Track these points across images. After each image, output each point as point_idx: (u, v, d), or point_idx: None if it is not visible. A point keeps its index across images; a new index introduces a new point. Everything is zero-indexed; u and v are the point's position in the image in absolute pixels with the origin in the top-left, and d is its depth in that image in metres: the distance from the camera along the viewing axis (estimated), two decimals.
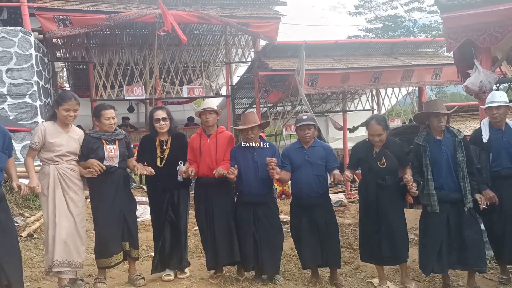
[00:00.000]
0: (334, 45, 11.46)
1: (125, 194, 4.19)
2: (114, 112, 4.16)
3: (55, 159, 3.85)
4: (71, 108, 3.87)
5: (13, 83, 7.91)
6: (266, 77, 10.99)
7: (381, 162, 3.95)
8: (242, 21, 10.26)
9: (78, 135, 4.04)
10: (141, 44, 11.24)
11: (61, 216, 3.82)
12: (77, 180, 3.97)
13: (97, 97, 10.30)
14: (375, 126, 3.96)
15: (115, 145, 4.09)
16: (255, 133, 4.22)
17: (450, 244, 3.83)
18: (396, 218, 3.99)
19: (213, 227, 4.25)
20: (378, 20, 30.98)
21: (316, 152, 4.19)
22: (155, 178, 4.26)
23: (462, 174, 3.81)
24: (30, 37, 8.15)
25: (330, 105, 14.64)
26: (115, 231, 4.05)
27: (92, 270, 4.61)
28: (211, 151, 4.26)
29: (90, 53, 10.48)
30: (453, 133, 3.94)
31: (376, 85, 11.41)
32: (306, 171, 4.14)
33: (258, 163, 4.17)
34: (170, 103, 13.60)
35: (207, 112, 4.30)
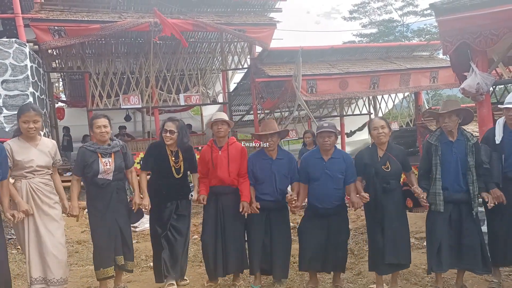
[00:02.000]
0: (330, 50, 11.49)
1: (120, 206, 4.09)
2: (107, 121, 4.05)
3: (26, 175, 3.70)
4: (30, 119, 3.66)
5: (8, 94, 7.87)
6: (262, 83, 11.00)
7: (386, 166, 3.94)
8: (238, 28, 10.28)
9: (49, 147, 3.86)
10: (137, 52, 11.23)
11: (37, 231, 3.68)
12: (52, 194, 3.82)
13: (93, 106, 10.26)
14: (378, 119, 4.07)
15: (111, 158, 4.00)
16: (274, 141, 4.18)
17: (450, 243, 3.86)
18: (400, 222, 3.99)
19: (223, 236, 4.21)
20: (373, 24, 31.19)
21: (336, 165, 4.09)
22: (164, 187, 4.21)
23: (471, 178, 3.83)
24: (25, 48, 8.13)
25: (327, 110, 14.65)
26: (105, 245, 3.98)
27: (91, 281, 4.56)
28: (223, 164, 4.22)
29: (86, 63, 10.47)
30: (466, 137, 3.93)
31: (376, 92, 11.40)
32: (325, 184, 4.06)
33: (275, 175, 4.15)
34: (167, 111, 13.59)
35: (219, 122, 4.23)
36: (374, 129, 3.98)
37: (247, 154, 4.37)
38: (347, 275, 4.63)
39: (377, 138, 4.00)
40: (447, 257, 3.84)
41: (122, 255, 4.06)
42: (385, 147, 4.01)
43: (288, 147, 12.18)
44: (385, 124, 3.99)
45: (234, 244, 4.21)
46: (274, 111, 12.67)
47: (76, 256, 5.59)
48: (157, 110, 11.11)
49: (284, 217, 4.30)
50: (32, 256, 3.65)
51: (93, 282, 4.57)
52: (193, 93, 11.50)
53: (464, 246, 3.82)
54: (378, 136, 3.98)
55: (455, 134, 3.92)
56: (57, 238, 3.76)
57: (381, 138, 3.97)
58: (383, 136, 3.96)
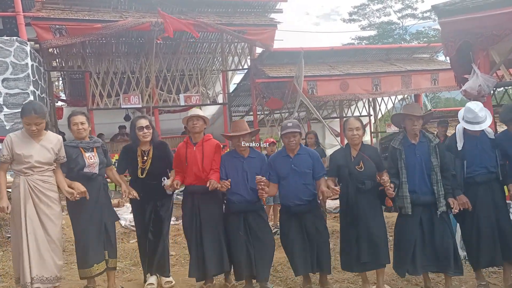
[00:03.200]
0: (330, 52, 11.51)
1: (105, 202, 4.13)
2: (84, 118, 4.04)
3: (25, 171, 3.67)
4: (31, 122, 3.65)
5: (9, 93, 7.85)
6: (262, 84, 11.00)
7: (359, 166, 3.98)
8: (238, 28, 10.28)
9: (52, 143, 3.83)
10: (137, 52, 11.21)
11: (35, 231, 3.65)
12: (51, 192, 3.78)
13: (93, 106, 10.25)
14: (354, 120, 4.10)
15: (93, 153, 4.03)
16: (246, 141, 4.19)
17: (423, 246, 3.90)
18: (376, 222, 4.01)
19: (201, 236, 4.18)
20: (372, 26, 31.27)
21: (303, 161, 4.15)
22: (138, 189, 4.23)
23: (435, 179, 3.89)
24: (26, 46, 8.10)
25: (327, 111, 14.66)
26: (95, 240, 3.98)
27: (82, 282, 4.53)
28: (198, 159, 4.21)
29: (86, 62, 10.45)
30: (428, 138, 4.01)
31: (378, 94, 11.41)
32: (293, 180, 4.11)
33: (247, 173, 4.16)
34: (166, 112, 13.57)
35: (194, 118, 4.26)
36: (349, 130, 4.03)
37: (221, 150, 4.38)
38: (348, 276, 4.63)
39: (351, 139, 4.05)
40: (421, 260, 3.88)
41: (107, 251, 4.07)
42: (359, 147, 4.06)
43: None
44: (360, 125, 4.04)
45: (214, 245, 4.15)
46: (274, 112, 12.67)
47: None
48: (157, 110, 11.09)
49: (262, 218, 4.27)
50: (32, 255, 3.61)
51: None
52: (193, 93, 11.49)
53: (436, 247, 3.86)
54: (352, 138, 4.04)
55: (418, 137, 3.97)
56: (53, 237, 3.74)
57: (354, 139, 4.03)
58: (356, 138, 4.02)
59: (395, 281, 4.45)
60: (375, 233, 3.95)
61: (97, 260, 3.98)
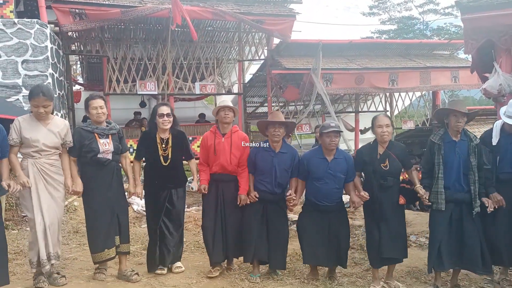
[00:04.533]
0: (349, 45, 11.38)
1: (118, 187, 4.14)
2: (103, 102, 4.05)
3: (33, 154, 3.72)
4: (39, 104, 3.68)
5: (28, 74, 7.96)
6: (278, 76, 10.95)
7: (385, 164, 3.97)
8: (257, 18, 10.22)
9: (59, 127, 3.86)
10: (155, 39, 11.25)
11: (49, 209, 3.75)
12: (57, 175, 3.85)
13: (110, 91, 10.34)
14: (384, 117, 4.08)
15: (108, 139, 4.03)
16: (281, 132, 4.18)
17: (450, 242, 3.90)
18: (397, 217, 4.04)
19: (224, 223, 4.26)
20: (392, 21, 30.78)
21: (339, 166, 4.13)
22: (156, 175, 4.25)
23: (473, 179, 3.87)
24: (46, 29, 8.19)
25: (342, 105, 14.56)
26: (107, 225, 4.02)
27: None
28: (226, 151, 4.24)
29: (104, 47, 10.52)
30: (469, 137, 3.96)
31: (395, 90, 11.27)
32: (327, 184, 4.11)
33: (276, 168, 4.17)
34: (181, 100, 13.62)
35: (226, 108, 4.27)
36: (379, 127, 3.99)
37: (248, 142, 4.39)
38: (357, 270, 4.64)
39: (380, 137, 4.01)
40: (448, 256, 3.88)
41: (119, 235, 4.12)
42: (386, 145, 4.03)
43: (300, 141, 12.12)
44: (389, 122, 4.01)
45: (234, 231, 4.27)
46: (289, 104, 12.63)
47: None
48: (172, 98, 11.14)
49: (282, 208, 4.32)
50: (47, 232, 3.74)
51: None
52: (209, 82, 11.50)
53: (465, 246, 3.86)
54: (381, 135, 3.99)
55: (459, 134, 3.93)
56: (57, 217, 3.86)
57: (384, 137, 3.99)
58: (386, 135, 3.98)
59: (404, 277, 4.44)
60: (396, 228, 3.99)
61: (108, 245, 4.04)
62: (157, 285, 4.07)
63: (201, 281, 4.21)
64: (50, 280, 3.90)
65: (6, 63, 7.86)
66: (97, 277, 4.11)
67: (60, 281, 3.92)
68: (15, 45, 7.92)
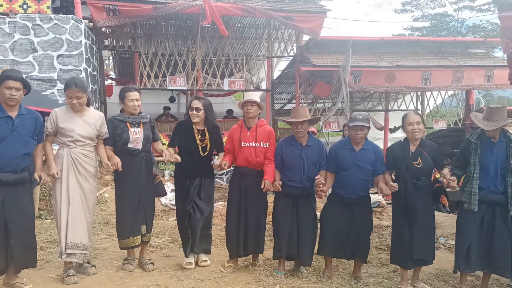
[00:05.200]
0: (380, 42, 11.18)
1: (146, 177, 4.25)
2: (138, 94, 4.20)
3: (68, 144, 3.85)
4: (72, 95, 3.81)
5: (63, 68, 8.21)
6: (307, 73, 10.87)
7: (417, 162, 3.91)
8: (287, 14, 10.17)
9: (94, 118, 3.99)
10: (186, 35, 11.37)
11: (73, 200, 3.85)
12: (90, 167, 3.96)
13: (141, 86, 10.51)
14: (414, 115, 4.02)
15: (140, 128, 4.16)
16: (304, 128, 4.18)
17: (479, 244, 3.83)
18: (427, 219, 3.97)
19: (245, 217, 4.31)
20: (425, 18, 30.03)
21: (367, 156, 4.11)
22: (190, 164, 4.31)
23: (510, 181, 3.76)
24: (81, 24, 8.42)
25: (372, 103, 14.33)
26: (134, 213, 4.15)
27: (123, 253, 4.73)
28: (251, 144, 4.30)
29: (136, 42, 10.72)
30: (508, 138, 3.86)
31: (427, 88, 11.00)
32: (354, 175, 4.09)
33: (304, 161, 4.16)
34: (210, 95, 13.73)
35: (249, 103, 4.34)
36: (409, 124, 3.94)
37: (275, 137, 4.42)
38: (383, 271, 4.59)
39: (412, 134, 3.95)
40: (476, 258, 3.81)
41: (145, 225, 4.24)
42: (418, 142, 3.96)
43: (327, 138, 12.01)
44: (420, 120, 3.95)
45: (254, 226, 4.31)
46: (317, 101, 12.53)
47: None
48: (201, 94, 11.24)
49: (311, 204, 4.31)
50: (69, 222, 3.83)
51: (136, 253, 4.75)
52: (237, 78, 11.54)
53: (495, 249, 3.77)
54: (412, 132, 3.93)
55: (498, 135, 3.82)
56: (87, 208, 3.95)
57: (415, 134, 3.93)
58: (417, 133, 3.92)
59: (432, 280, 4.35)
60: (428, 229, 3.94)
61: (134, 233, 4.17)
62: (183, 277, 4.14)
63: (226, 275, 4.26)
64: (80, 269, 4.03)
65: (42, 58, 8.13)
66: (125, 267, 4.22)
67: (90, 270, 4.04)
68: (51, 40, 8.18)
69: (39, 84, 8.01)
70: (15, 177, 3.47)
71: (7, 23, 7.99)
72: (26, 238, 3.61)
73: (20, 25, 8.05)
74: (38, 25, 8.12)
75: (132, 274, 4.19)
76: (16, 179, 3.48)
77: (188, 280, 4.08)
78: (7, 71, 3.60)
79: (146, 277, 4.10)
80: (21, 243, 3.55)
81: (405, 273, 4.08)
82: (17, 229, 3.50)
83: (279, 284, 4.07)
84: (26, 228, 3.61)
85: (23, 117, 3.54)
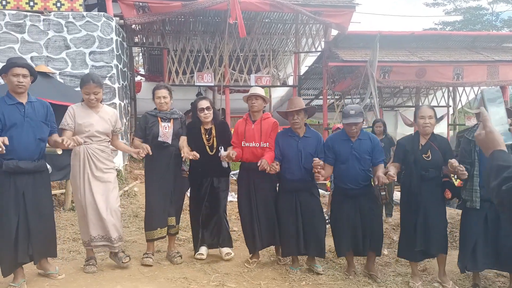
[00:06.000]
0: (410, 37, 10.94)
1: (175, 171, 4.34)
2: (167, 92, 4.32)
3: (85, 140, 3.88)
4: (90, 91, 3.86)
5: (95, 65, 8.41)
6: (335, 68, 10.76)
7: (427, 155, 3.87)
8: (315, 9, 10.08)
9: (109, 114, 4.05)
10: (213, 31, 11.44)
11: (91, 195, 3.91)
12: (107, 161, 4.02)
13: (169, 82, 10.66)
14: (427, 108, 3.97)
15: (170, 123, 4.26)
16: (300, 118, 4.18)
17: (485, 242, 3.72)
18: (436, 212, 3.91)
19: (256, 211, 4.32)
20: (458, 12, 29.14)
21: (363, 146, 4.10)
22: (200, 164, 4.35)
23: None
24: (112, 22, 8.60)
25: (401, 99, 14.06)
26: (161, 206, 4.24)
27: (161, 245, 4.83)
28: (255, 137, 4.32)
29: (165, 39, 10.87)
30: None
31: (459, 84, 10.70)
32: (352, 165, 4.08)
33: (302, 152, 4.16)
34: (236, 91, 13.79)
35: (253, 97, 4.35)
36: (421, 118, 3.90)
37: (278, 129, 4.41)
38: (404, 269, 4.50)
39: (423, 128, 3.90)
40: (483, 257, 3.72)
41: (174, 217, 4.32)
42: (429, 136, 3.92)
43: None
44: (432, 114, 3.90)
45: (267, 219, 4.32)
46: (345, 96, 12.39)
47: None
48: (228, 89, 11.31)
49: (314, 196, 4.27)
50: (89, 217, 3.91)
51: (162, 246, 4.84)
52: (264, 74, 11.54)
53: (501, 246, 3.67)
54: (423, 126, 3.89)
55: None
56: (110, 203, 3.99)
57: (426, 128, 3.88)
58: (428, 127, 3.88)
59: (462, 280, 4.25)
60: (434, 222, 3.88)
61: (161, 224, 4.27)
62: (210, 271, 4.19)
63: (252, 270, 4.28)
64: (115, 259, 4.14)
65: (75, 54, 8.35)
66: (144, 261, 4.27)
67: (125, 260, 4.14)
68: (83, 37, 8.39)
69: (72, 80, 8.23)
70: (33, 164, 3.52)
71: (41, 20, 8.25)
72: (47, 227, 3.70)
73: (54, 22, 8.29)
74: (71, 23, 8.34)
75: (161, 266, 4.27)
76: (34, 166, 3.53)
77: (215, 274, 4.12)
78: (13, 58, 3.62)
79: (174, 270, 4.18)
80: (42, 233, 3.63)
81: (415, 267, 4.06)
82: (38, 219, 3.58)
83: (305, 281, 4.06)
84: (46, 218, 3.69)
85: (33, 104, 3.59)
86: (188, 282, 3.86)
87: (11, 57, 3.67)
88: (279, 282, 4.02)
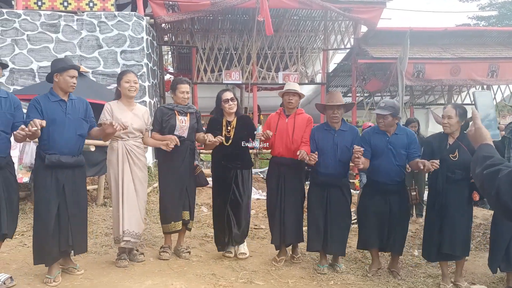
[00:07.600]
0: (443, 33, 10.65)
1: (190, 165, 4.36)
2: (189, 87, 4.37)
3: (122, 136, 3.99)
4: (131, 79, 4.03)
5: (126, 64, 8.59)
6: (365, 65, 10.61)
7: (454, 155, 3.76)
8: (344, 6, 9.97)
9: (142, 111, 4.17)
10: (241, 29, 11.47)
11: (128, 190, 4.00)
12: (142, 157, 4.13)
13: (198, 80, 10.78)
14: (450, 108, 3.86)
15: (186, 117, 4.29)
16: (340, 113, 4.14)
17: None
18: (461, 214, 3.80)
19: (284, 206, 4.30)
20: (493, 6, 28.14)
21: (399, 141, 4.03)
22: (221, 156, 4.38)
23: None
24: (143, 21, 8.75)
25: (433, 96, 13.72)
26: (176, 199, 4.26)
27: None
28: (289, 131, 4.28)
29: (194, 37, 10.98)
30: None
31: (494, 81, 10.35)
32: (387, 160, 4.02)
33: (338, 145, 4.12)
34: (264, 89, 13.80)
35: (290, 93, 4.32)
36: (442, 117, 3.84)
37: (312, 124, 4.36)
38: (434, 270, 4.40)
39: (443, 128, 3.85)
40: None
41: (188, 211, 4.35)
42: (457, 135, 3.81)
43: None
44: (453, 114, 3.77)
45: (293, 215, 4.29)
46: (374, 94, 12.19)
47: None
48: (256, 87, 11.32)
49: (344, 194, 4.21)
50: (125, 211, 4.00)
51: (191, 242, 4.90)
52: (292, 71, 11.49)
53: None
54: (442, 125, 3.84)
55: None
56: (142, 198, 4.12)
57: (444, 128, 3.82)
58: (447, 127, 3.80)
59: (496, 284, 4.12)
60: (458, 224, 3.79)
61: (175, 218, 4.30)
62: (238, 268, 4.21)
63: (280, 268, 4.28)
64: (130, 256, 4.22)
65: (107, 53, 8.55)
66: (161, 256, 4.34)
67: (139, 257, 4.23)
68: (115, 36, 8.58)
69: (104, 79, 8.43)
70: (73, 159, 3.65)
71: (75, 20, 8.48)
72: (83, 222, 3.82)
73: (86, 22, 8.51)
74: (103, 22, 8.54)
75: (190, 262, 4.33)
76: (74, 161, 3.66)
77: (243, 271, 4.14)
78: (67, 59, 3.82)
79: (203, 266, 4.22)
80: (81, 226, 3.76)
81: (445, 268, 3.98)
82: (77, 212, 3.70)
83: (334, 280, 4.03)
84: (82, 212, 3.80)
85: (74, 101, 3.74)
86: (217, 279, 3.90)
87: (63, 58, 3.88)
88: (307, 281, 4.01)
